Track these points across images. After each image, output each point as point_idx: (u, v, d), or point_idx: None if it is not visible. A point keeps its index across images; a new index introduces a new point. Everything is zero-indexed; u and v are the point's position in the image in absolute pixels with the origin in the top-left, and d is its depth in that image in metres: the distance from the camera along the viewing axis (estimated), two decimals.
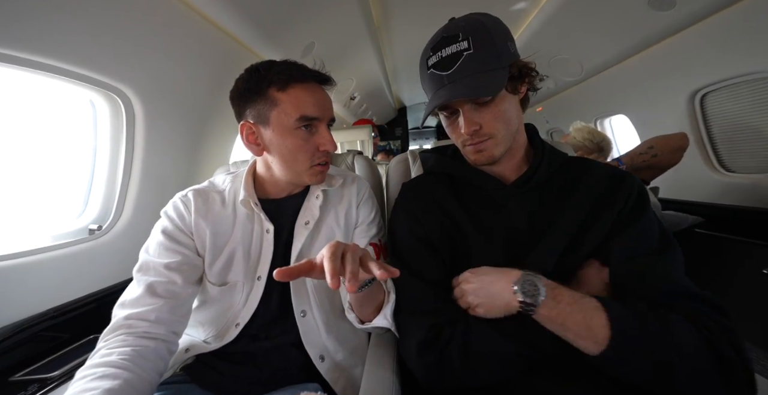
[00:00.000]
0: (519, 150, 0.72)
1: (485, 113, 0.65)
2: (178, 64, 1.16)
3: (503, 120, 0.65)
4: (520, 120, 0.70)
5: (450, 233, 0.72)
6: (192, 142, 1.36)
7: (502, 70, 0.62)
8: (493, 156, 0.68)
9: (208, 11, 1.14)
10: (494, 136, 0.66)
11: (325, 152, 0.73)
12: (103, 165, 1.11)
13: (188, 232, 0.72)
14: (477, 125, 0.65)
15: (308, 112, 0.68)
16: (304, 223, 0.76)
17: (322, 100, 0.71)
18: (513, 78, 0.64)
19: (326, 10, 1.71)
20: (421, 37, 0.71)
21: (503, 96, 0.64)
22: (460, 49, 0.62)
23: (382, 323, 0.68)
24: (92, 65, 0.92)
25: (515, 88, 0.65)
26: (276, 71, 0.68)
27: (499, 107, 0.64)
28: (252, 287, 0.72)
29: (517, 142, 0.71)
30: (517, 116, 0.68)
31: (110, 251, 1.09)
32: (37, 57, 0.80)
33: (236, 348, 0.72)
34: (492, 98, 0.63)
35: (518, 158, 0.73)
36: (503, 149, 0.68)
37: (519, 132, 0.70)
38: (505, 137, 0.67)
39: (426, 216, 0.74)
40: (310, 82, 0.70)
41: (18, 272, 0.86)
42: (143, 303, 0.63)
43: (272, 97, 0.68)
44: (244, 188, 0.74)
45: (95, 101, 1.06)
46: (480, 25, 0.64)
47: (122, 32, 0.93)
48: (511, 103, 0.66)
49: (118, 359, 0.54)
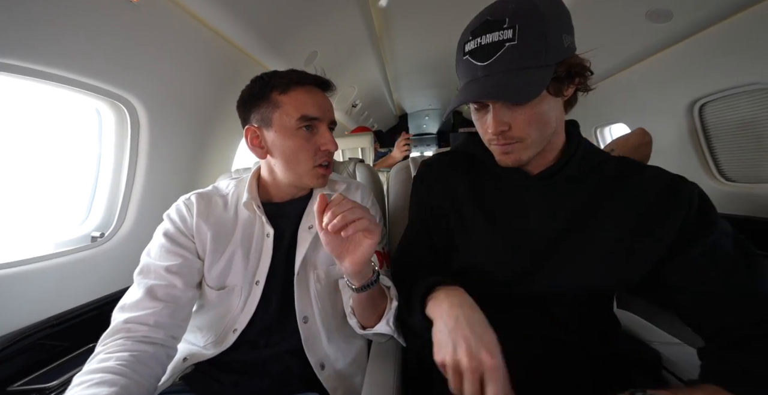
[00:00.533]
0: (552, 151, 0.64)
1: (518, 114, 0.56)
2: (183, 73, 1.18)
3: (538, 124, 0.57)
4: (560, 122, 0.61)
5: (450, 220, 0.70)
6: (195, 150, 1.37)
7: (547, 70, 0.53)
8: (520, 160, 0.61)
9: (212, 21, 1.16)
10: (524, 140, 0.58)
11: (326, 152, 0.74)
12: (107, 173, 1.12)
13: (189, 234, 0.72)
14: (506, 125, 0.57)
15: (308, 112, 0.70)
16: (308, 227, 0.77)
17: (322, 102, 0.73)
18: (559, 79, 0.55)
19: (329, 20, 1.73)
20: (422, 45, 0.72)
21: (543, 98, 0.55)
22: (503, 38, 0.52)
23: (384, 329, 0.68)
24: (98, 75, 0.93)
25: (559, 90, 0.56)
26: (278, 77, 0.71)
27: (535, 110, 0.55)
28: (250, 291, 0.72)
29: (552, 143, 0.62)
30: (557, 119, 0.59)
31: (112, 258, 1.09)
32: (44, 67, 0.81)
33: (236, 357, 0.71)
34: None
35: (550, 157, 0.64)
36: (533, 153, 0.60)
37: (556, 134, 0.62)
38: (537, 142, 0.59)
39: (431, 200, 0.75)
40: (311, 86, 0.73)
41: (19, 280, 0.86)
42: (143, 307, 0.63)
43: (274, 100, 0.70)
44: (248, 191, 0.75)
45: (101, 109, 1.08)
46: (533, 10, 0.52)
47: (129, 42, 0.94)
48: (552, 106, 0.57)
49: (116, 364, 0.54)
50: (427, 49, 2.73)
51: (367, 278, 0.63)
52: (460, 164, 0.75)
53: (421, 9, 2.06)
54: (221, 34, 1.25)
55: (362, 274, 0.62)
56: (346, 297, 0.75)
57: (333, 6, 1.62)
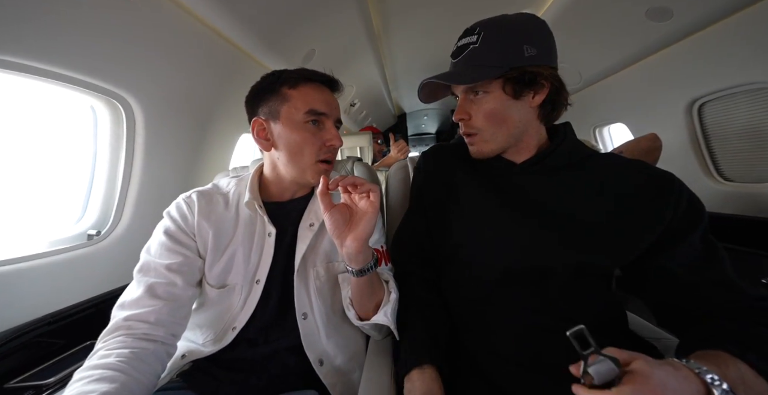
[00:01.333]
0: (530, 147, 0.71)
1: (475, 105, 0.68)
2: (179, 71, 1.17)
3: (492, 119, 0.67)
4: (530, 124, 0.69)
5: (445, 205, 0.77)
6: (192, 148, 1.37)
7: (497, 70, 0.63)
8: (482, 152, 0.71)
9: (209, 19, 1.16)
10: (481, 132, 0.69)
11: (331, 148, 0.74)
12: (103, 171, 1.12)
13: (190, 233, 0.72)
14: (465, 114, 0.69)
15: (316, 106, 0.71)
16: (309, 225, 0.77)
17: (329, 99, 0.75)
18: (515, 83, 0.64)
19: (326, 18, 1.73)
20: (420, 45, 0.75)
21: (495, 95, 0.65)
22: (469, 41, 0.66)
23: (381, 320, 0.68)
24: (94, 72, 0.93)
25: (516, 92, 0.64)
26: (288, 73, 0.74)
27: (490, 106, 0.66)
28: (250, 290, 0.73)
29: (525, 142, 0.70)
30: (522, 120, 0.67)
31: (108, 256, 1.09)
32: (40, 63, 0.81)
33: (234, 355, 0.71)
34: (486, 93, 0.65)
35: (531, 151, 0.72)
36: (494, 147, 0.70)
37: (526, 134, 0.69)
38: (496, 137, 0.68)
39: (428, 186, 0.82)
40: (320, 83, 0.75)
41: (15, 277, 0.86)
42: (143, 305, 0.63)
43: (284, 93, 0.72)
44: (249, 190, 0.75)
45: (96, 106, 1.07)
46: (497, 23, 0.65)
47: (125, 39, 0.94)
48: (511, 107, 0.66)
49: (116, 361, 0.54)
50: (426, 49, 2.73)
51: (366, 262, 0.65)
52: (458, 154, 0.81)
53: (419, 8, 2.06)
54: (218, 31, 1.24)
55: (363, 255, 0.64)
56: (345, 292, 0.75)
57: (331, 4, 1.62)
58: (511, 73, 0.63)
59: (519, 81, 0.63)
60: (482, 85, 0.65)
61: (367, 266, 0.65)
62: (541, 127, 0.71)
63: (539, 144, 0.72)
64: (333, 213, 0.64)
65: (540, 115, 0.68)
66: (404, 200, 1.03)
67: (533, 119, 0.68)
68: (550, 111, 0.68)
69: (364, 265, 0.65)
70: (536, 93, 0.65)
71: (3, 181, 0.98)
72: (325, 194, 0.64)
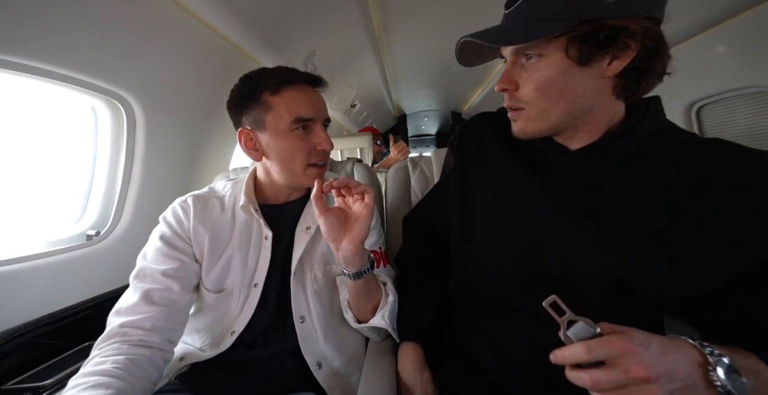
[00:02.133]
0: (595, 130, 0.54)
1: (525, 72, 0.52)
2: (180, 72, 1.17)
3: (545, 92, 0.51)
4: (592, 102, 0.51)
5: (478, 188, 0.66)
6: (192, 148, 1.37)
7: (558, 23, 0.46)
8: (525, 131, 0.56)
9: (210, 19, 1.16)
10: (528, 106, 0.54)
11: (322, 152, 0.72)
12: (103, 171, 1.11)
13: (186, 238, 0.71)
14: (511, 83, 0.53)
15: (302, 113, 0.69)
16: (305, 228, 0.76)
17: (315, 100, 0.72)
18: (585, 41, 0.46)
19: (327, 19, 1.73)
20: (421, 46, 0.70)
21: (553, 60, 0.49)
22: None
23: (379, 323, 0.68)
24: (95, 72, 0.92)
25: (585, 57, 0.47)
26: (268, 76, 0.69)
27: (541, 73, 0.50)
28: (248, 294, 0.72)
29: (589, 123, 0.54)
30: (585, 96, 0.50)
31: (108, 257, 1.09)
32: (40, 63, 0.81)
33: (232, 357, 0.71)
34: (540, 57, 0.49)
35: (595, 134, 0.55)
36: (542, 127, 0.55)
37: (591, 112, 0.53)
38: (546, 115, 0.53)
39: (461, 163, 0.70)
40: (302, 84, 0.71)
41: (14, 278, 0.85)
42: (139, 311, 0.62)
43: (266, 101, 0.69)
44: (245, 194, 0.75)
45: (96, 107, 1.07)
46: None
47: (126, 40, 0.94)
48: (569, 74, 0.49)
49: (112, 367, 0.54)
50: (427, 51, 2.73)
51: (362, 264, 0.65)
52: (500, 129, 0.66)
53: (420, 10, 2.07)
54: (219, 32, 1.24)
55: (359, 258, 0.64)
56: (344, 294, 0.75)
57: (332, 5, 1.62)
58: (579, 29, 0.45)
59: (590, 40, 0.46)
60: (538, 45, 0.49)
61: (363, 268, 0.65)
62: (617, 103, 0.53)
63: (609, 125, 0.54)
64: (328, 217, 0.63)
65: (617, 87, 0.50)
66: (404, 202, 1.03)
67: (605, 94, 0.51)
68: (634, 82, 0.50)
69: (360, 268, 0.65)
70: (615, 57, 0.47)
71: (2, 180, 0.97)
72: (319, 198, 0.63)
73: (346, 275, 0.66)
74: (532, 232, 0.57)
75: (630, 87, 0.50)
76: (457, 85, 4.05)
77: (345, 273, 0.66)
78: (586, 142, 0.55)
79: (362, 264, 0.65)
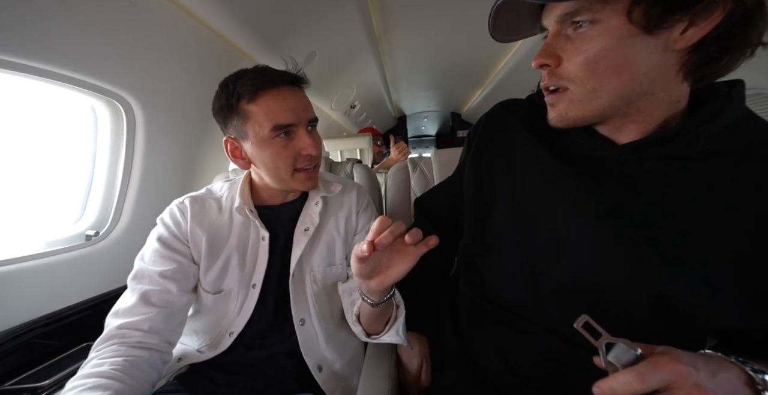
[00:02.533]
0: (651, 120, 0.45)
1: (572, 45, 0.42)
2: (180, 72, 1.17)
3: (593, 66, 0.41)
4: (653, 82, 0.41)
5: (501, 183, 0.58)
6: (192, 148, 1.37)
7: None
8: (565, 117, 0.47)
9: (210, 20, 1.16)
10: (572, 84, 0.44)
11: (308, 156, 0.69)
12: (102, 171, 1.11)
13: (184, 239, 0.71)
14: (552, 57, 0.44)
15: (280, 120, 0.65)
16: (304, 230, 0.76)
17: (294, 104, 0.67)
18: (656, 2, 0.36)
19: (328, 20, 1.73)
20: (420, 47, 0.65)
21: (610, 26, 0.39)
22: None
23: (393, 339, 0.66)
24: (95, 73, 0.92)
25: (653, 20, 0.37)
26: (243, 83, 0.65)
27: (594, 44, 0.40)
28: (246, 295, 0.72)
29: (644, 110, 0.44)
30: (647, 73, 0.40)
31: (107, 257, 1.08)
32: (40, 64, 0.81)
33: (231, 358, 0.71)
34: (594, 23, 0.39)
35: (649, 126, 0.45)
36: (586, 112, 0.45)
37: (649, 96, 0.42)
38: (595, 96, 0.43)
39: (482, 154, 0.62)
40: (280, 87, 0.66)
41: (12, 278, 0.85)
42: (137, 312, 0.62)
43: (244, 111, 0.65)
44: (240, 195, 0.74)
45: (96, 107, 1.07)
46: None
47: (126, 40, 0.94)
48: (630, 45, 0.39)
49: (110, 369, 0.54)
50: (426, 52, 2.73)
51: (386, 294, 0.60)
52: (531, 117, 0.57)
53: (420, 11, 2.07)
54: (220, 33, 1.24)
55: (386, 291, 0.59)
56: (347, 302, 0.74)
57: (332, 6, 1.62)
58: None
59: (666, 1, 0.36)
60: (592, 7, 0.39)
61: (385, 297, 0.60)
62: (682, 87, 0.43)
63: (668, 115, 0.44)
64: (369, 262, 0.52)
65: (686, 64, 0.40)
66: (403, 202, 1.03)
67: (670, 73, 0.41)
68: (713, 58, 0.39)
69: (383, 297, 0.60)
70: (692, 24, 0.37)
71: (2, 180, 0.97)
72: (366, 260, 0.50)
73: (365, 302, 0.61)
74: (558, 237, 0.50)
75: (705, 65, 0.39)
76: (457, 86, 4.05)
77: (365, 301, 0.61)
78: (638, 135, 0.46)
79: (386, 294, 0.60)
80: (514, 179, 0.57)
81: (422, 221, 0.83)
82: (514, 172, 0.57)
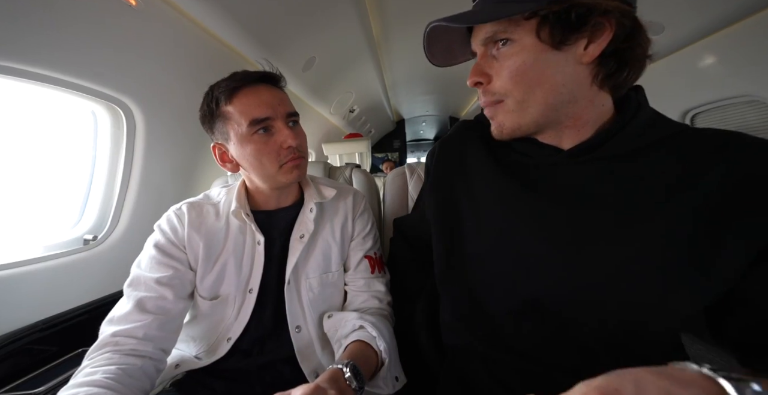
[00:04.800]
0: (585, 125, 0.50)
1: (497, 62, 0.48)
2: (180, 77, 1.18)
3: (517, 78, 0.47)
4: (574, 91, 0.47)
5: (459, 202, 0.60)
6: (191, 153, 1.37)
7: (527, 4, 0.43)
8: (504, 127, 0.52)
9: (211, 25, 1.17)
10: (505, 98, 0.49)
11: (290, 149, 0.69)
12: (102, 175, 1.11)
13: (181, 246, 0.71)
14: (483, 76, 0.50)
15: (256, 114, 0.66)
16: (299, 236, 0.76)
17: (268, 99, 0.68)
18: (557, 22, 0.43)
19: (327, 26, 1.75)
20: (419, 52, 0.65)
21: (525, 44, 0.45)
22: None
23: (382, 391, 0.61)
24: (96, 78, 0.93)
25: (557, 38, 0.44)
26: (220, 87, 0.68)
27: (514, 60, 0.46)
28: (243, 300, 0.72)
29: (577, 116, 0.49)
30: (564, 83, 0.46)
31: (104, 261, 1.08)
32: (41, 69, 0.81)
33: (228, 365, 0.71)
34: (512, 42, 0.46)
35: (587, 132, 0.50)
36: (523, 121, 0.50)
37: (575, 103, 0.48)
38: (526, 105, 0.48)
39: (440, 176, 0.65)
40: (255, 85, 0.68)
41: (8, 282, 0.85)
42: (132, 320, 0.62)
43: (224, 112, 0.68)
44: (236, 199, 0.74)
45: (97, 111, 1.07)
46: None
47: (126, 45, 0.95)
48: (544, 59, 0.45)
49: (102, 378, 0.53)
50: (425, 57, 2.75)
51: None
52: (478, 138, 0.62)
53: (418, 17, 2.09)
54: (220, 38, 1.25)
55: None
56: (332, 339, 0.72)
57: (331, 12, 1.64)
58: (549, 8, 0.42)
59: (562, 20, 0.43)
60: (507, 29, 0.46)
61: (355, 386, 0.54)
62: (601, 94, 0.49)
63: (600, 121, 0.50)
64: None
65: (597, 75, 0.46)
66: (401, 207, 1.04)
67: (586, 83, 0.47)
68: (615, 70, 0.46)
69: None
70: (591, 41, 0.44)
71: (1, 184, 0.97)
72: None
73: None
74: (523, 248, 0.52)
75: (612, 75, 0.47)
76: (455, 90, 4.08)
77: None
78: (578, 139, 0.51)
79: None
80: (473, 200, 0.59)
81: (400, 241, 0.85)
82: (473, 193, 0.60)
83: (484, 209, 0.57)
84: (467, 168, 0.62)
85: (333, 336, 0.72)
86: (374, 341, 0.64)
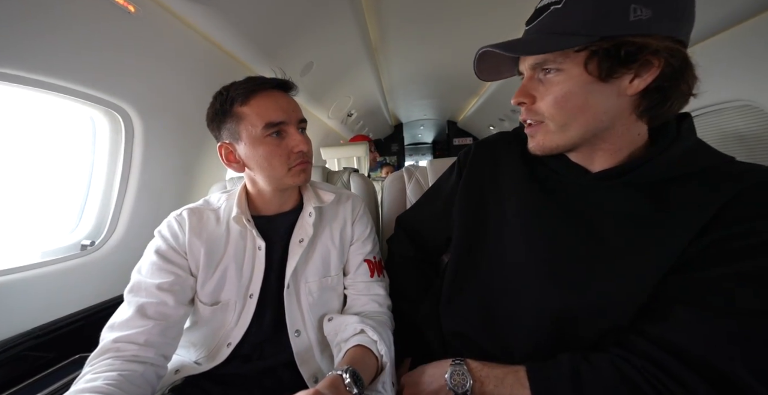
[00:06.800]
0: (618, 150, 0.53)
1: (543, 86, 0.52)
2: (179, 83, 1.18)
3: (565, 105, 0.50)
4: (613, 119, 0.50)
5: (488, 208, 0.65)
6: (189, 158, 1.37)
7: (579, 38, 0.45)
8: (544, 146, 0.55)
9: (208, 31, 1.18)
10: (546, 120, 0.53)
11: (300, 153, 0.72)
12: (100, 180, 1.11)
13: (182, 251, 0.71)
14: (528, 97, 0.53)
15: (272, 118, 0.68)
16: (299, 241, 0.76)
17: (284, 104, 0.71)
18: (605, 57, 0.45)
19: (325, 31, 1.76)
20: (416, 56, 0.68)
21: (572, 75, 0.48)
22: (550, 1, 0.48)
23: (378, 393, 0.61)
24: (94, 84, 0.93)
25: (604, 72, 0.46)
26: (236, 88, 0.69)
27: (560, 87, 0.49)
28: (244, 305, 0.72)
29: (611, 142, 0.53)
30: (606, 112, 0.49)
31: (101, 267, 1.08)
32: (40, 76, 0.82)
33: (228, 370, 0.70)
34: (560, 71, 0.49)
35: (619, 156, 0.54)
36: (561, 142, 0.53)
37: (611, 132, 0.51)
38: (567, 128, 0.51)
39: (471, 179, 0.70)
40: (270, 90, 0.71)
41: (5, 289, 0.84)
42: (133, 326, 0.62)
43: (238, 113, 0.69)
44: (237, 205, 0.75)
45: (95, 117, 1.08)
46: None
47: (125, 51, 0.95)
48: (589, 90, 0.48)
49: (104, 384, 0.53)
50: (422, 61, 2.77)
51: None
52: (520, 149, 0.66)
53: (416, 21, 2.11)
54: (217, 44, 1.26)
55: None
56: (332, 343, 0.72)
57: (329, 17, 1.65)
58: (599, 44, 0.45)
59: (610, 56, 0.45)
60: (556, 59, 0.49)
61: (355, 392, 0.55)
62: (638, 124, 0.51)
63: (632, 147, 0.53)
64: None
65: (638, 107, 0.49)
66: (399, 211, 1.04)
67: (626, 113, 0.50)
68: (657, 103, 0.48)
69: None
70: (637, 75, 0.46)
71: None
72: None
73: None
74: (544, 260, 0.56)
75: (653, 108, 0.49)
76: (453, 95, 4.10)
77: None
78: (607, 164, 0.54)
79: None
80: (502, 207, 0.64)
81: (402, 238, 0.87)
82: (503, 201, 0.64)
83: (510, 219, 0.61)
84: (500, 177, 0.66)
85: (333, 339, 0.72)
86: (374, 345, 0.65)
